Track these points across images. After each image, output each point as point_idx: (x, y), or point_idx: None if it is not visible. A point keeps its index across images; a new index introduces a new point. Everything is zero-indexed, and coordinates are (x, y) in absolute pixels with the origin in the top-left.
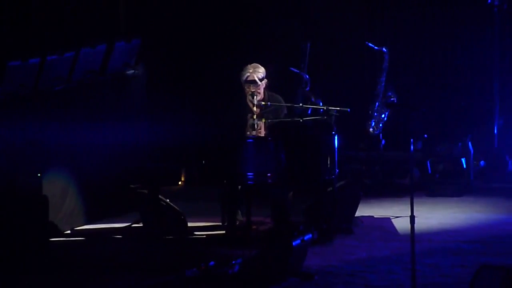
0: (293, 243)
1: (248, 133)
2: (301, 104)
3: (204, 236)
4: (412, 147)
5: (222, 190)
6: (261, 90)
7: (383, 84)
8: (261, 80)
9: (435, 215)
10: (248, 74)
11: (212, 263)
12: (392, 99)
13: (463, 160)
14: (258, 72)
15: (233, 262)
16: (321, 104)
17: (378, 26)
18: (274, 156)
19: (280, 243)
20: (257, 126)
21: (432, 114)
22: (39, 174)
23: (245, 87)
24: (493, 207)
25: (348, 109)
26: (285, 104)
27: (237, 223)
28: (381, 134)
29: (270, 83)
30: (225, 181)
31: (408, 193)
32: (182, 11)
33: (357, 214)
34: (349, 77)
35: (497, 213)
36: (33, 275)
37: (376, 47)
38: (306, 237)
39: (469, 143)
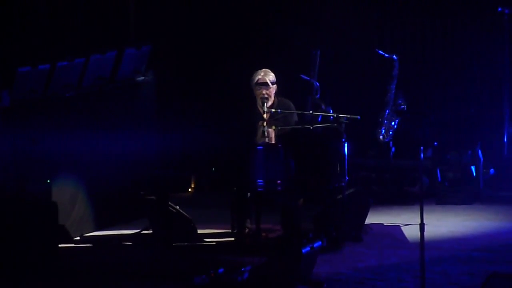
0: (303, 251)
1: (258, 140)
2: (311, 112)
3: (214, 243)
4: (422, 154)
5: (231, 197)
6: (272, 94)
7: (393, 91)
8: (272, 83)
9: (444, 223)
10: (259, 76)
11: (221, 270)
12: (402, 106)
13: (473, 168)
14: (269, 75)
15: (243, 269)
16: (331, 111)
17: (388, 34)
18: (284, 163)
19: (289, 251)
20: (268, 133)
21: (442, 122)
22: (48, 181)
23: (256, 90)
24: (503, 215)
25: (358, 117)
26: (295, 111)
27: (247, 230)
28: (391, 142)
29: (281, 90)
30: (235, 188)
31: (417, 200)
32: (192, 17)
33: (367, 221)
34: (359, 84)
35: (507, 221)
36: (42, 281)
37: (386, 55)
38: (315, 245)
39: (479, 151)
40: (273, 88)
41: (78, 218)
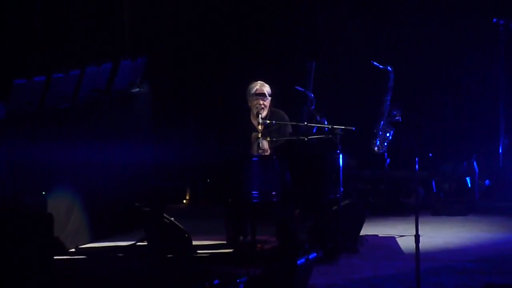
0: (298, 262)
1: (253, 151)
2: (306, 123)
3: (209, 255)
4: (417, 166)
5: (227, 208)
6: (268, 105)
7: (388, 103)
8: (269, 95)
9: (440, 234)
10: (257, 87)
11: (216, 281)
12: (397, 118)
13: (468, 179)
14: (266, 86)
15: (238, 280)
16: (326, 122)
17: (383, 45)
18: (279, 174)
19: (285, 262)
20: (262, 144)
21: (437, 133)
22: (44, 192)
23: (253, 100)
24: (498, 226)
25: (353, 128)
26: (290, 123)
27: (242, 241)
28: (386, 153)
29: (276, 101)
30: (230, 200)
31: (413, 212)
32: (187, 29)
33: (362, 233)
34: (354, 95)
35: (502, 232)
36: None
37: (381, 66)
38: (311, 256)
39: (474, 162)
40: (269, 100)
41: (74, 229)
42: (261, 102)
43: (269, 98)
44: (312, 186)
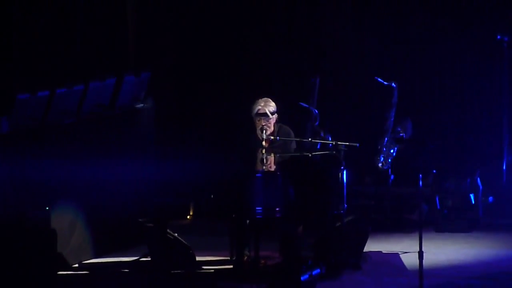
0: (302, 278)
1: (258, 167)
2: (310, 139)
3: (212, 271)
4: (421, 182)
5: (230, 224)
6: (272, 124)
7: (392, 119)
8: (272, 113)
9: (443, 251)
10: (259, 107)
11: None
12: (401, 134)
13: (471, 195)
14: (269, 106)
15: None
16: (330, 139)
17: (387, 61)
18: (283, 190)
19: (288, 278)
20: (267, 160)
21: (441, 149)
22: (47, 208)
23: (256, 120)
24: (501, 243)
25: (357, 144)
26: (294, 139)
27: (246, 257)
28: (390, 170)
29: (280, 117)
30: (233, 215)
31: (416, 228)
32: (191, 45)
33: (365, 249)
34: (358, 112)
35: (505, 249)
36: None
37: (385, 82)
38: (314, 272)
39: (478, 178)
40: (273, 118)
41: (77, 245)
42: (263, 122)
43: (273, 116)
44: (316, 202)
